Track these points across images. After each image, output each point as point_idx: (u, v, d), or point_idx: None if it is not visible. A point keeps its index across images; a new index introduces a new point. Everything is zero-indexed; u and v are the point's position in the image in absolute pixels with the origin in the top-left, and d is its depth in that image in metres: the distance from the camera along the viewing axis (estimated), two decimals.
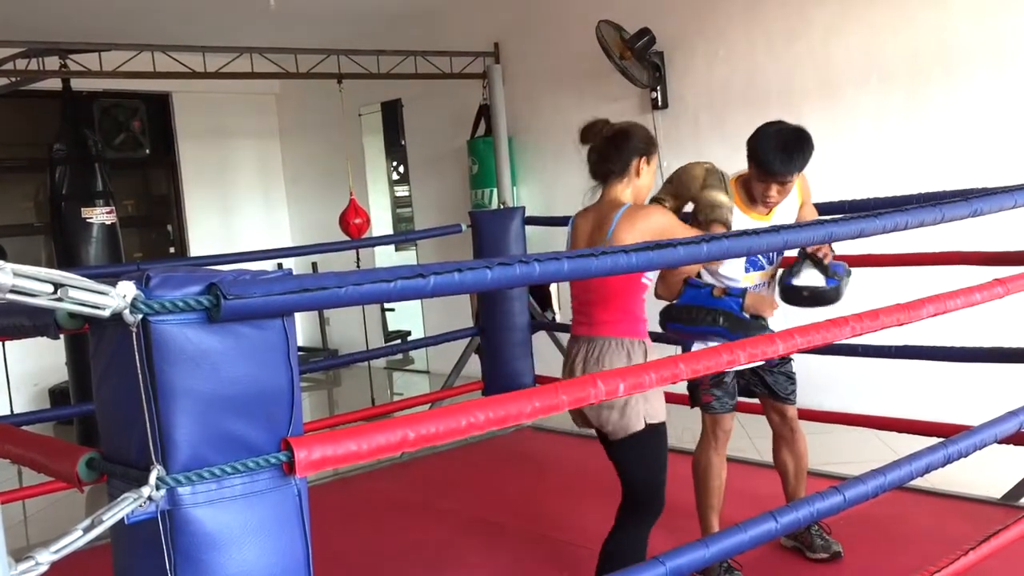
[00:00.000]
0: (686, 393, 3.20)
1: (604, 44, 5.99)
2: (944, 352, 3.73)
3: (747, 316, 2.85)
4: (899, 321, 2.18)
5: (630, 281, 2.55)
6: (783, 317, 3.06)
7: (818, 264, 2.96)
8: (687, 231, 2.62)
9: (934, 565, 2.29)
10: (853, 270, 3.05)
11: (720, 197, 2.83)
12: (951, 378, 4.54)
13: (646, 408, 2.52)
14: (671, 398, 2.78)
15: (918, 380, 4.77)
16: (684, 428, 3.59)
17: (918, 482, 2.52)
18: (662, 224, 2.58)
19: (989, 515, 3.20)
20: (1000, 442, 2.56)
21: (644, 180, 2.67)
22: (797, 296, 2.97)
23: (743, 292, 2.90)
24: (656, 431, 2.56)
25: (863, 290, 3.34)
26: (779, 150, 2.83)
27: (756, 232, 2.04)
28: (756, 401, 3.28)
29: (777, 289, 3.08)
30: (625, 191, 2.64)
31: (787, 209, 3.06)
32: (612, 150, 2.62)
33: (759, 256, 3.03)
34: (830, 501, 2.07)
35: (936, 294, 2.31)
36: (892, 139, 5.24)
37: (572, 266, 1.71)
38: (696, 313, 2.88)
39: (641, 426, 2.51)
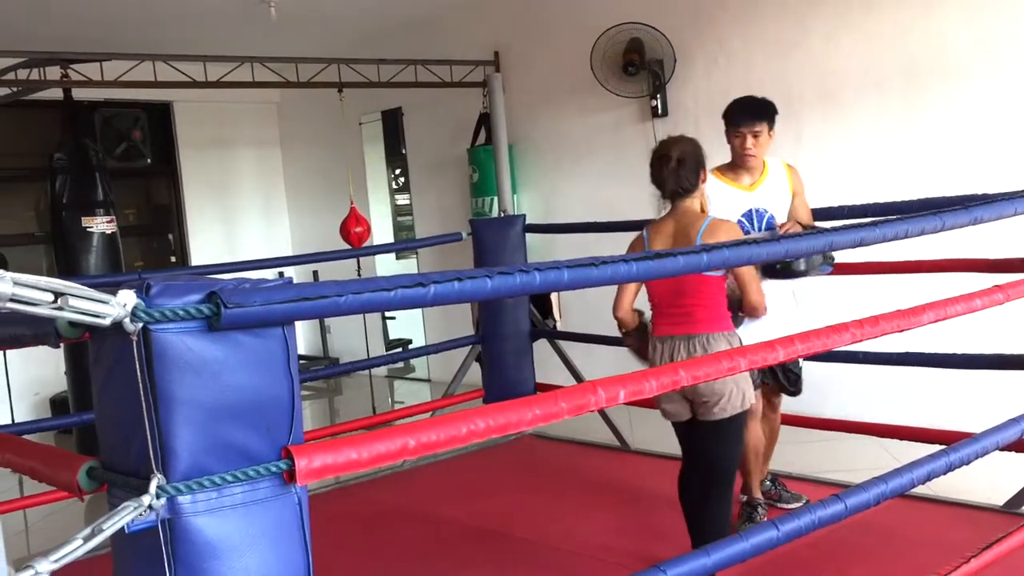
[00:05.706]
0: None
1: (595, 69, 6.05)
2: (945, 359, 3.72)
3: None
4: (899, 328, 2.19)
5: (720, 283, 2.90)
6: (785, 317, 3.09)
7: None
8: None
9: (936, 573, 2.28)
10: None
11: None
12: (952, 385, 4.52)
13: (748, 391, 2.89)
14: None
15: (919, 387, 4.76)
16: None
17: (920, 489, 2.52)
18: (735, 238, 2.91)
19: (991, 522, 3.20)
20: (1002, 449, 2.56)
21: (702, 187, 3.03)
22: (771, 271, 3.40)
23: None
24: (745, 413, 2.95)
25: (863, 297, 3.35)
26: (741, 105, 3.46)
27: (756, 241, 2.05)
28: None
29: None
30: (695, 201, 3.01)
31: (775, 191, 3.51)
32: (687, 171, 2.93)
33: (748, 226, 3.47)
34: (832, 509, 2.06)
35: (936, 300, 2.31)
36: (890, 145, 5.24)
37: (572, 275, 1.70)
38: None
39: (746, 407, 2.89)
